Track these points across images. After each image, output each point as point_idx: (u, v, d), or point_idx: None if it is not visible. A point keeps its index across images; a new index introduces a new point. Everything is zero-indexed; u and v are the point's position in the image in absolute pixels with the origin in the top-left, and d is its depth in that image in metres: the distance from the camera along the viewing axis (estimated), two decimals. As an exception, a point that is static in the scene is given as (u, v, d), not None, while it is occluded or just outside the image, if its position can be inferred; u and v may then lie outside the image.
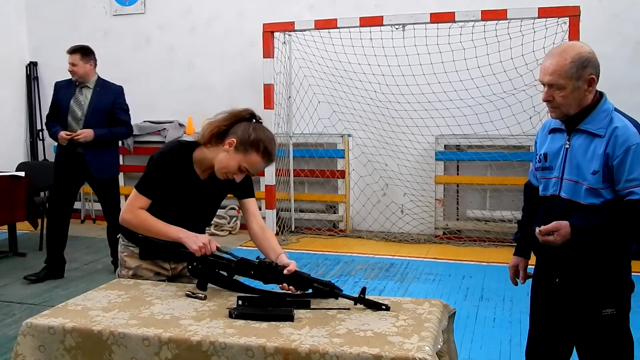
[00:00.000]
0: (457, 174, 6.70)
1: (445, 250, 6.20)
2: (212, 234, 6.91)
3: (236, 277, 2.37)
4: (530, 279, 2.53)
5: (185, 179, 2.48)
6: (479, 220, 6.52)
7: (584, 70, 2.19)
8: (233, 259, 2.34)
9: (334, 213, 7.04)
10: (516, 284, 2.60)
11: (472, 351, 3.70)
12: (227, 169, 2.39)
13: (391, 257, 5.95)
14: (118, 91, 5.39)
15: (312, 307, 2.15)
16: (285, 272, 2.25)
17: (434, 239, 6.55)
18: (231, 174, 2.40)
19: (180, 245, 2.37)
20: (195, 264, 2.35)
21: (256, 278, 2.32)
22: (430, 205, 6.65)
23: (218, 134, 2.43)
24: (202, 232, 2.59)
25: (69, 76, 5.34)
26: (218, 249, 2.37)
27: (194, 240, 2.34)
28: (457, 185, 6.72)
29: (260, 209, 6.50)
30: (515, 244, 2.62)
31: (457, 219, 6.69)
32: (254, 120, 2.45)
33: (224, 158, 2.39)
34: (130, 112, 5.46)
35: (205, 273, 2.34)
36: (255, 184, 2.62)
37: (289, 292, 2.25)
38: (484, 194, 6.58)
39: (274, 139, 2.45)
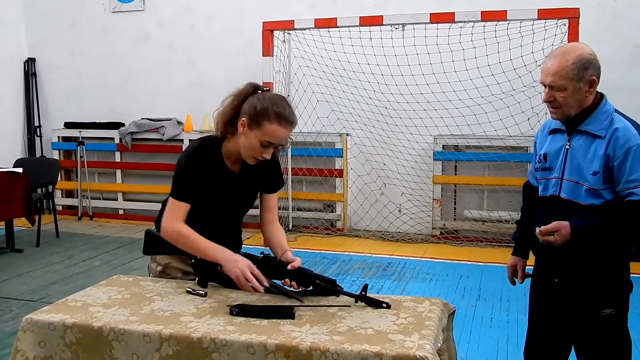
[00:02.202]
0: (455, 174, 6.72)
1: (442, 250, 6.21)
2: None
3: None
4: (528, 279, 2.54)
5: (218, 175, 2.38)
6: (477, 221, 6.53)
7: (585, 71, 2.20)
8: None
9: (332, 212, 7.04)
10: (514, 283, 2.61)
11: (469, 351, 3.71)
12: (252, 150, 2.28)
13: (388, 256, 5.96)
14: None
15: (312, 304, 2.15)
16: (288, 267, 2.24)
17: (431, 239, 6.56)
18: (258, 154, 2.28)
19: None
20: (198, 258, 2.33)
21: None
22: (428, 205, 6.67)
23: (230, 120, 2.33)
24: (238, 229, 2.58)
25: (68, 73, 5.33)
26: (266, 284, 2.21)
27: (233, 267, 2.20)
28: (455, 186, 6.73)
29: (257, 207, 6.55)
30: (513, 244, 2.63)
31: (455, 219, 6.71)
32: (259, 92, 2.33)
33: (244, 141, 2.28)
34: None
35: (207, 269, 2.33)
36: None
37: (291, 287, 2.25)
38: (482, 194, 6.60)
39: (285, 100, 2.30)
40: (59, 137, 7.95)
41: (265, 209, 2.55)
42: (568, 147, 2.30)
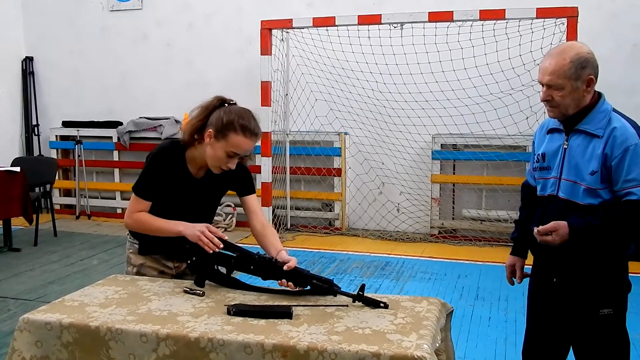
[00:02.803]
0: (454, 173, 6.71)
1: (440, 249, 6.21)
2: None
3: (235, 273, 2.36)
4: (527, 279, 2.54)
5: (179, 178, 2.47)
6: (475, 220, 6.53)
7: (583, 70, 2.19)
8: (232, 254, 2.34)
9: (330, 211, 7.04)
10: (512, 283, 2.60)
11: (467, 350, 3.71)
12: (217, 160, 2.37)
13: (387, 255, 5.95)
14: None
15: (310, 304, 2.15)
16: (285, 268, 2.24)
17: (429, 238, 6.56)
18: (223, 163, 2.38)
19: (183, 241, 2.35)
20: (194, 259, 2.34)
21: (255, 274, 2.32)
22: (426, 204, 6.66)
23: (197, 131, 2.42)
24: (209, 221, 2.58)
25: (66, 72, 5.31)
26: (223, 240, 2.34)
27: (192, 231, 2.33)
28: (453, 185, 6.73)
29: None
30: (512, 244, 2.63)
31: (453, 218, 6.71)
32: (226, 105, 2.42)
33: (210, 151, 2.37)
34: None
35: (204, 269, 2.33)
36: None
37: (288, 288, 2.25)
38: (480, 193, 6.60)
39: (250, 113, 2.39)
40: (56, 136, 7.94)
41: (249, 213, 2.60)
42: (566, 146, 2.29)
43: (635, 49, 6.06)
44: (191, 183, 2.49)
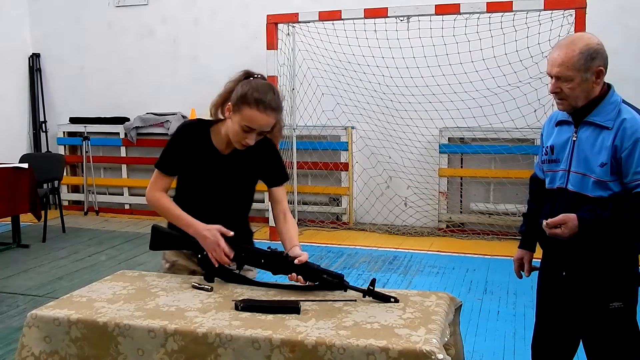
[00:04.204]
0: (461, 166, 6.69)
1: (448, 243, 6.19)
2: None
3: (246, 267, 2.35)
4: (535, 272, 2.52)
5: (204, 153, 2.40)
6: (483, 214, 6.51)
7: (592, 62, 2.17)
8: (242, 248, 2.32)
9: (337, 206, 7.03)
10: (521, 277, 2.59)
11: (476, 344, 3.69)
12: (236, 135, 2.30)
13: (394, 249, 5.94)
14: None
15: (318, 299, 2.14)
16: (295, 262, 2.23)
17: (437, 232, 6.55)
18: (241, 139, 2.29)
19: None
20: (205, 253, 2.32)
21: (265, 268, 2.30)
22: (434, 198, 6.64)
23: (221, 105, 2.37)
24: (242, 220, 2.53)
25: (72, 68, 5.32)
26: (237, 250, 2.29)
27: (202, 238, 2.29)
28: (461, 178, 6.70)
29: (263, 201, 6.53)
30: (520, 237, 2.61)
31: (461, 212, 6.69)
32: (251, 79, 2.33)
33: (230, 126, 2.32)
34: None
35: (213, 265, 2.32)
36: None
37: (298, 283, 2.24)
38: (488, 187, 6.57)
39: (269, 87, 2.29)
40: (64, 132, 7.96)
41: (272, 202, 2.53)
42: (575, 138, 2.27)
43: (644, 40, 6.01)
44: (217, 158, 2.41)
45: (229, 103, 2.31)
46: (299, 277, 2.23)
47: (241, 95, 2.26)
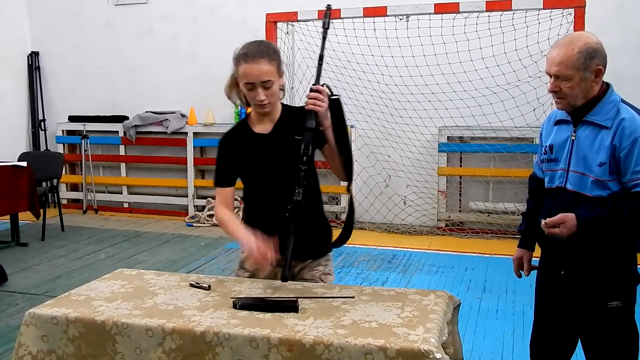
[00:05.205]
0: (460, 165, 6.69)
1: (447, 242, 6.19)
2: (213, 226, 6.91)
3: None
4: (534, 271, 2.52)
5: (249, 143, 2.38)
6: (482, 212, 6.51)
7: (592, 60, 2.17)
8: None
9: (337, 204, 7.02)
10: (520, 276, 2.59)
11: (474, 343, 3.69)
12: (248, 99, 2.34)
13: (393, 248, 5.94)
14: None
15: (317, 296, 2.13)
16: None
17: (436, 231, 6.54)
18: (252, 98, 2.30)
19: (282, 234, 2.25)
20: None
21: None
22: (433, 197, 6.64)
23: (235, 86, 2.40)
24: (314, 206, 2.47)
25: (71, 67, 5.31)
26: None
27: (246, 245, 2.24)
28: (460, 177, 6.70)
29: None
30: (519, 236, 2.61)
31: (460, 211, 6.68)
32: None
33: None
34: None
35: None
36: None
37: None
38: (487, 185, 6.57)
39: (254, 41, 2.33)
40: (63, 130, 7.95)
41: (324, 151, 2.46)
42: (574, 138, 2.27)
43: (643, 39, 6.01)
44: (260, 141, 2.38)
45: (235, 77, 2.34)
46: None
47: (234, 59, 2.32)
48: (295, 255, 2.26)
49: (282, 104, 2.45)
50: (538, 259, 2.50)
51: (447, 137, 6.54)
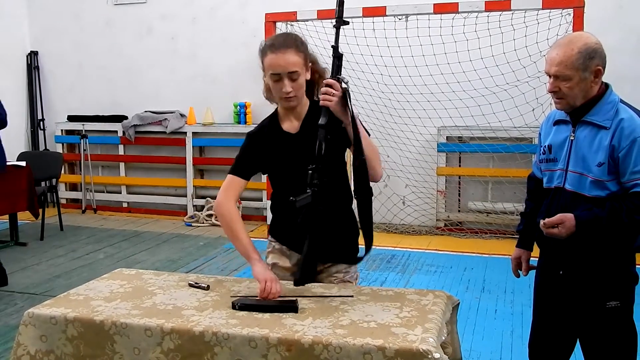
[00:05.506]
0: (459, 165, 6.69)
1: (446, 242, 6.19)
2: (212, 225, 6.91)
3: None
4: (533, 271, 2.53)
5: (277, 141, 2.34)
6: (481, 212, 6.51)
7: (591, 61, 2.17)
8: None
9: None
10: (518, 275, 2.59)
11: (473, 343, 3.70)
12: (274, 92, 2.28)
13: (392, 248, 5.94)
14: None
15: (317, 295, 2.13)
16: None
17: (435, 231, 6.54)
18: (278, 91, 2.26)
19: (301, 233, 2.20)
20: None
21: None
22: (432, 196, 6.64)
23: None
24: (343, 205, 2.43)
25: (71, 66, 5.29)
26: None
27: (257, 272, 2.19)
28: (459, 177, 6.70)
29: (261, 200, 6.51)
30: (517, 236, 2.61)
31: (459, 211, 6.69)
32: None
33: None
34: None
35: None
36: (257, 175, 2.51)
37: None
38: (486, 185, 6.57)
39: (280, 33, 2.37)
40: (62, 130, 7.94)
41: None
42: (573, 138, 2.27)
43: (642, 39, 6.01)
44: (287, 140, 2.34)
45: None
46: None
47: (260, 52, 2.29)
48: (315, 256, 2.21)
49: (310, 99, 2.40)
50: (536, 258, 2.50)
51: (446, 137, 6.54)
